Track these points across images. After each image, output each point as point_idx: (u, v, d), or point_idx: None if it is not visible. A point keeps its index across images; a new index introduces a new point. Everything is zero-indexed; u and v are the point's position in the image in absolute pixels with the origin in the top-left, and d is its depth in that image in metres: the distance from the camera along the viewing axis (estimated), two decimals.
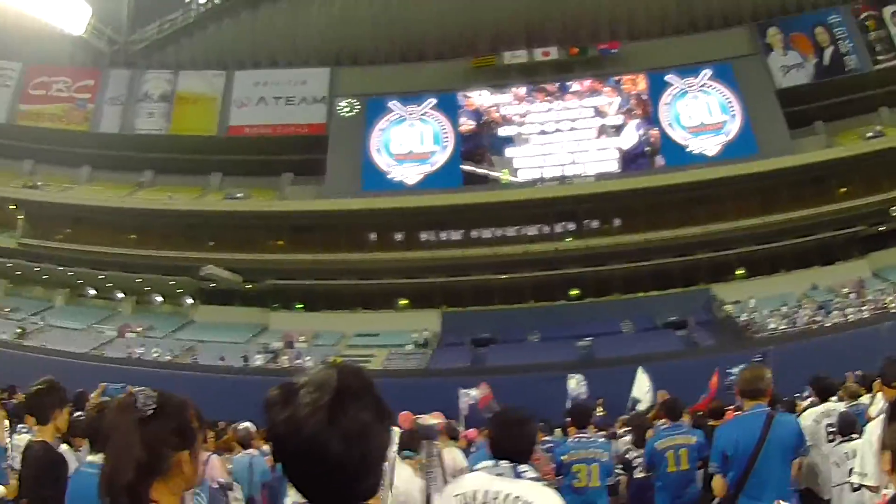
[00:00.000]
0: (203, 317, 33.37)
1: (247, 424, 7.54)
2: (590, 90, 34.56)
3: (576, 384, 19.06)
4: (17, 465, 3.88)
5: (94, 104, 37.42)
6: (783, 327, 29.14)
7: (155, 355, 30.27)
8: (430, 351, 29.98)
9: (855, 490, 3.89)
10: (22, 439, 4.76)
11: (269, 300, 32.89)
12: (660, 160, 33.58)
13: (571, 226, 32.33)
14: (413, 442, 4.80)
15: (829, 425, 4.86)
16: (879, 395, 4.37)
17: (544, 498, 2.49)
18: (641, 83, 34.81)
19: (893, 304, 27.53)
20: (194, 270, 32.16)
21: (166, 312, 34.71)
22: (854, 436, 4.27)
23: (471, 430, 9.80)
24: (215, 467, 6.13)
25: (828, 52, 34.19)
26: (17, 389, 10.10)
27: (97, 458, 2.85)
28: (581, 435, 5.07)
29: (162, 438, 1.40)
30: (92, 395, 7.55)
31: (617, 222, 32.61)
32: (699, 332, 30.58)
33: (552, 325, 30.59)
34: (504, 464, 2.58)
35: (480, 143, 33.54)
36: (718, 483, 3.53)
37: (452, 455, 5.83)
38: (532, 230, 31.94)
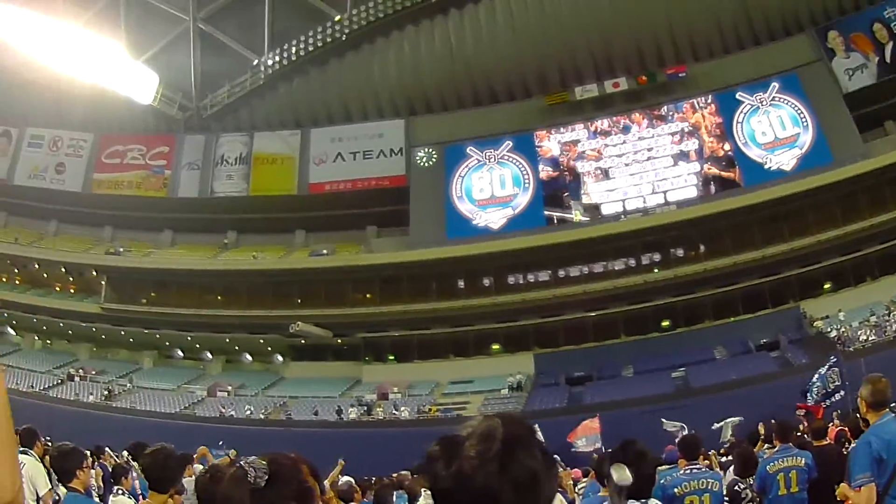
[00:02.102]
0: (294, 373, 33.79)
1: (347, 479, 7.55)
2: (662, 117, 34.38)
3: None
4: None
5: (171, 170, 38.51)
6: (874, 337, 28.46)
7: (247, 413, 30.71)
8: (525, 393, 29.87)
9: None
10: (118, 501, 4.75)
11: (360, 353, 33.17)
12: (739, 180, 33.12)
13: (657, 256, 32.02)
14: None
15: None
16: None
17: None
18: (712, 104, 34.48)
19: None
20: (283, 328, 32.63)
21: (257, 370, 35.25)
22: None
23: (576, 470, 9.78)
24: None
25: (888, 48, 33.32)
26: (106, 449, 10.03)
27: None
28: (692, 466, 5.04)
29: None
30: (195, 455, 7.52)
31: (702, 248, 32.21)
32: (792, 351, 29.90)
33: (646, 358, 30.29)
34: (632, 502, 2.53)
35: (559, 188, 33.63)
36: (869, 492, 3.38)
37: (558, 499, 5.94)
38: (619, 264, 31.71)
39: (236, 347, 35.46)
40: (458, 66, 34.58)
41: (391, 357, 33.02)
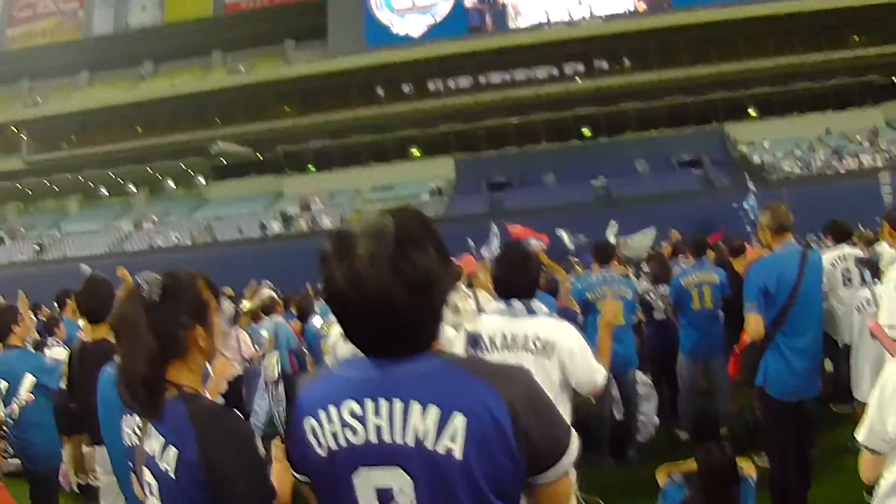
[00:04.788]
0: (217, 194, 33.32)
1: (269, 292, 7.35)
2: None
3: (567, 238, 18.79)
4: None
5: (84, 10, 36.95)
6: (798, 171, 28.97)
7: (174, 241, 30.25)
8: (446, 198, 29.82)
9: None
10: (53, 353, 4.59)
11: (281, 166, 32.71)
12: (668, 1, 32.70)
13: (581, 67, 31.79)
14: None
15: (846, 270, 4.73)
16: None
17: (562, 332, 2.45)
18: None
19: None
20: (205, 150, 32.00)
21: (181, 196, 34.67)
22: (876, 280, 4.05)
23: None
24: (245, 343, 6.00)
25: None
26: (42, 306, 9.55)
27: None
28: (605, 272, 4.91)
29: (174, 320, 1.33)
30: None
31: (628, 62, 32.06)
32: (714, 171, 30.28)
33: (567, 166, 30.21)
34: (517, 303, 2.53)
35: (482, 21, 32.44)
36: (755, 323, 3.28)
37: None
38: (542, 72, 31.44)
39: (159, 176, 34.77)
40: None
41: (312, 168, 32.63)
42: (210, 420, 1.30)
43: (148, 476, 1.33)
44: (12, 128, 37.08)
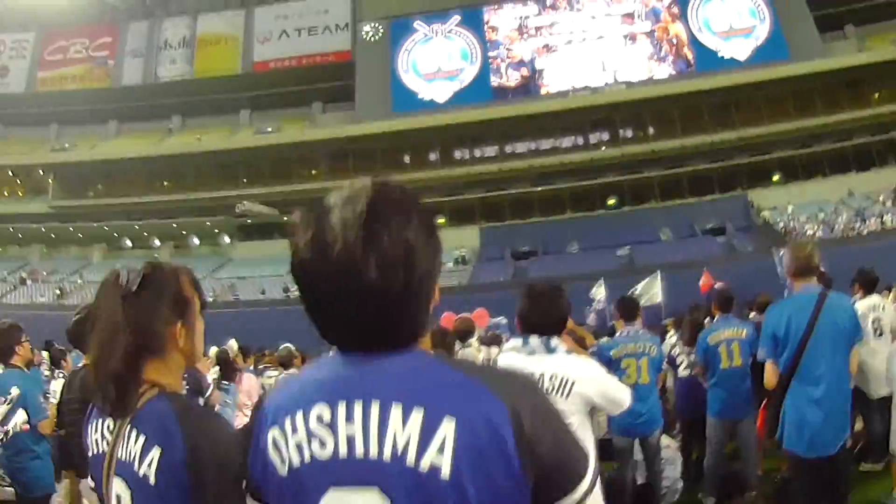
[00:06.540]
0: (242, 253, 33.47)
1: (287, 345, 7.56)
2: None
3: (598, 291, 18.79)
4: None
5: (115, 60, 37.43)
6: (821, 234, 28.84)
7: None
8: (470, 267, 29.85)
9: None
10: (59, 384, 4.75)
11: None
12: (691, 65, 32.95)
13: (606, 135, 31.90)
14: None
15: (876, 319, 4.60)
16: None
17: (584, 370, 2.32)
18: None
19: None
20: (230, 209, 32.19)
21: (205, 254, 34.78)
22: None
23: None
24: (252, 384, 6.28)
25: None
26: (55, 343, 9.89)
27: None
28: (629, 328, 4.64)
29: (152, 313, 1.22)
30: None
31: (651, 129, 32.17)
32: (738, 237, 30.18)
33: (592, 235, 30.30)
34: (534, 339, 2.40)
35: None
36: (769, 371, 3.14)
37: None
38: (567, 141, 31.57)
39: (184, 232, 34.94)
40: None
41: None
42: (197, 420, 1.20)
43: (119, 486, 1.21)
44: (39, 170, 37.54)
